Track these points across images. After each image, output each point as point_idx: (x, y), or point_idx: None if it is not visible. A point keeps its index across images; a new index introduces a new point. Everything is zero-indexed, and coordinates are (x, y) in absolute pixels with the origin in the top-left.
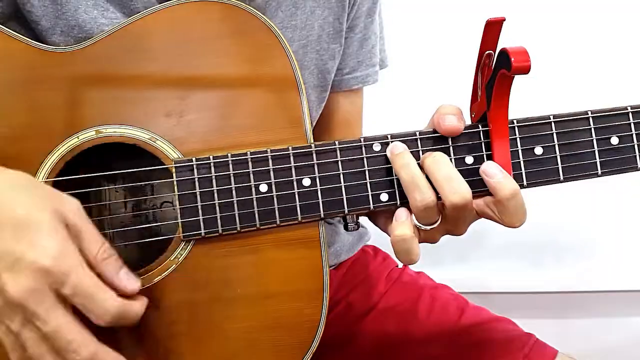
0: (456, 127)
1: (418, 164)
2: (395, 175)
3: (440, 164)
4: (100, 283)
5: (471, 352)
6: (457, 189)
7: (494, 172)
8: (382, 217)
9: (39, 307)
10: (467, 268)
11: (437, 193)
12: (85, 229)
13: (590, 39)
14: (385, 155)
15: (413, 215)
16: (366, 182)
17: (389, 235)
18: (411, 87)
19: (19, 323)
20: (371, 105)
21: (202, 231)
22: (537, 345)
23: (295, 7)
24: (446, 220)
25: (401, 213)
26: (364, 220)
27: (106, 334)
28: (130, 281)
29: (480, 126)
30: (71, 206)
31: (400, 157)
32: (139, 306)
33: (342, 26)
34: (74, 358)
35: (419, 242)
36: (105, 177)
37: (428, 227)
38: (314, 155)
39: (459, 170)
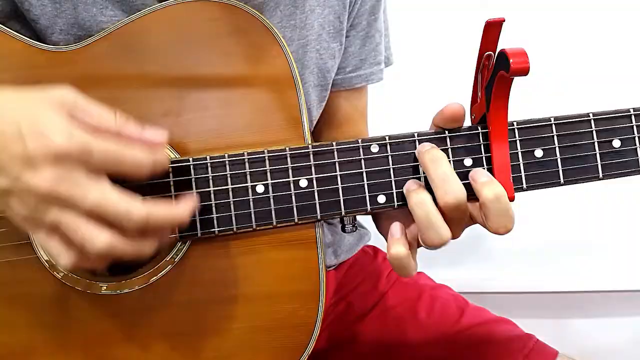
0: (457, 107)
1: (413, 154)
2: (394, 177)
3: (438, 162)
4: (122, 142)
5: (471, 352)
6: (451, 190)
7: (479, 175)
8: (385, 225)
9: (74, 189)
10: (467, 268)
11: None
12: (89, 104)
13: (591, 40)
14: (383, 157)
15: (420, 237)
16: (363, 184)
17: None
18: (412, 88)
19: (57, 211)
20: (372, 105)
21: (198, 232)
22: (538, 345)
23: (294, 6)
24: None
25: (396, 229)
26: (364, 220)
27: (96, 332)
28: (156, 134)
29: (479, 128)
30: (62, 90)
31: (415, 193)
32: (162, 154)
33: (343, 25)
34: (128, 223)
35: (417, 248)
36: None
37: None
38: (311, 156)
39: (457, 172)
